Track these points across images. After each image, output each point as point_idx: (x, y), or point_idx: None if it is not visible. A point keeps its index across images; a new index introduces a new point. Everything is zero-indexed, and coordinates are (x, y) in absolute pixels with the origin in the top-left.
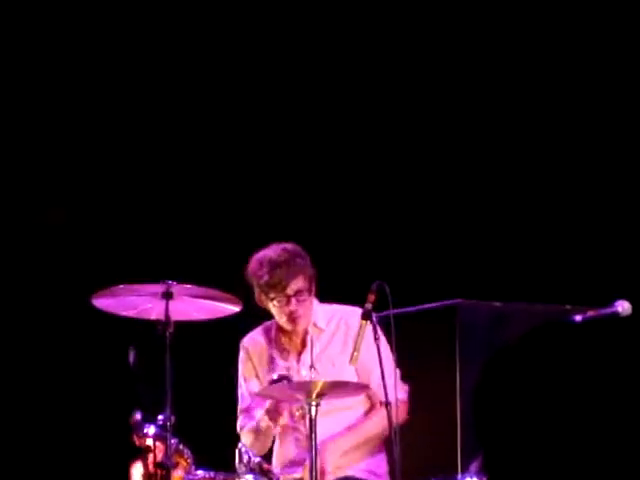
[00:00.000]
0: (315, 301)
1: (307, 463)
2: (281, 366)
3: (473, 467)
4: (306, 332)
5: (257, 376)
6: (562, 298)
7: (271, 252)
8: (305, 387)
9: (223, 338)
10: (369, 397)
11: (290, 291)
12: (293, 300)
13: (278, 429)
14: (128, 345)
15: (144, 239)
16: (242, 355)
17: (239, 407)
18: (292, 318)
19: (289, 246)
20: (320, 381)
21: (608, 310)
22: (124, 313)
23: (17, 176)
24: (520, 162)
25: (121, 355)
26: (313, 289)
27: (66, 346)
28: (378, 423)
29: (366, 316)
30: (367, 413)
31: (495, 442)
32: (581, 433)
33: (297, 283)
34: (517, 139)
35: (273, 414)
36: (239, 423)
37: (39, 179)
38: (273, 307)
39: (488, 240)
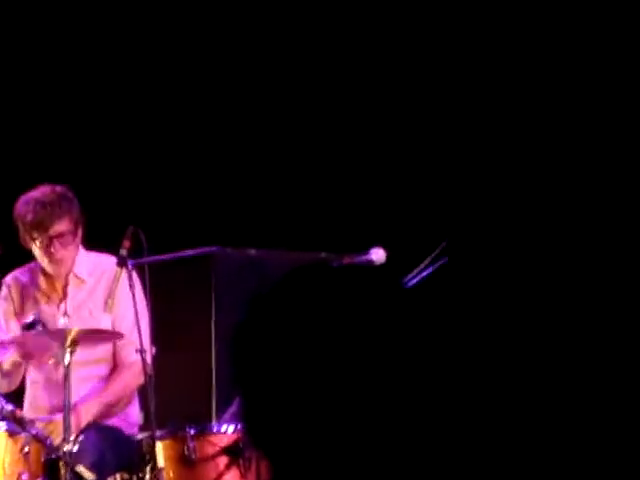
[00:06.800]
0: (81, 249)
1: (59, 417)
2: (42, 309)
3: (228, 415)
4: (67, 281)
5: (16, 314)
6: (320, 246)
7: (38, 193)
8: (59, 334)
9: None
10: (117, 353)
11: (53, 232)
12: (55, 242)
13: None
14: None
15: None
16: (4, 292)
17: None
18: (53, 260)
19: (58, 188)
20: (74, 329)
21: (363, 257)
22: None
23: None
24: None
25: None
26: (79, 234)
27: None
28: (125, 383)
29: (121, 263)
30: (112, 371)
31: (253, 388)
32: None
33: (61, 225)
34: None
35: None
36: None
37: None
38: (36, 248)
39: (245, 188)
